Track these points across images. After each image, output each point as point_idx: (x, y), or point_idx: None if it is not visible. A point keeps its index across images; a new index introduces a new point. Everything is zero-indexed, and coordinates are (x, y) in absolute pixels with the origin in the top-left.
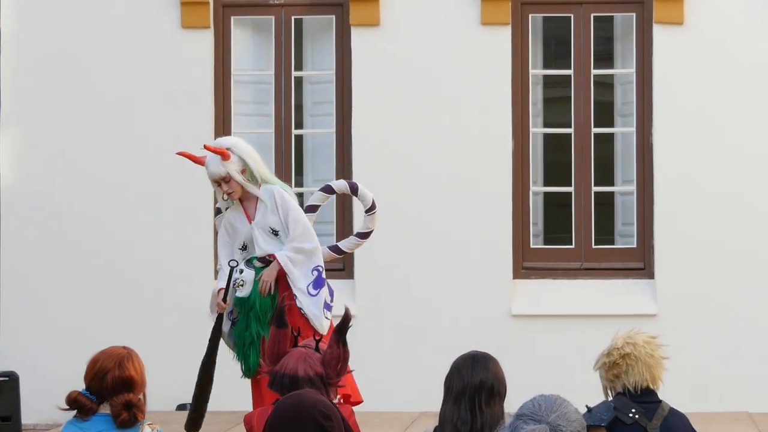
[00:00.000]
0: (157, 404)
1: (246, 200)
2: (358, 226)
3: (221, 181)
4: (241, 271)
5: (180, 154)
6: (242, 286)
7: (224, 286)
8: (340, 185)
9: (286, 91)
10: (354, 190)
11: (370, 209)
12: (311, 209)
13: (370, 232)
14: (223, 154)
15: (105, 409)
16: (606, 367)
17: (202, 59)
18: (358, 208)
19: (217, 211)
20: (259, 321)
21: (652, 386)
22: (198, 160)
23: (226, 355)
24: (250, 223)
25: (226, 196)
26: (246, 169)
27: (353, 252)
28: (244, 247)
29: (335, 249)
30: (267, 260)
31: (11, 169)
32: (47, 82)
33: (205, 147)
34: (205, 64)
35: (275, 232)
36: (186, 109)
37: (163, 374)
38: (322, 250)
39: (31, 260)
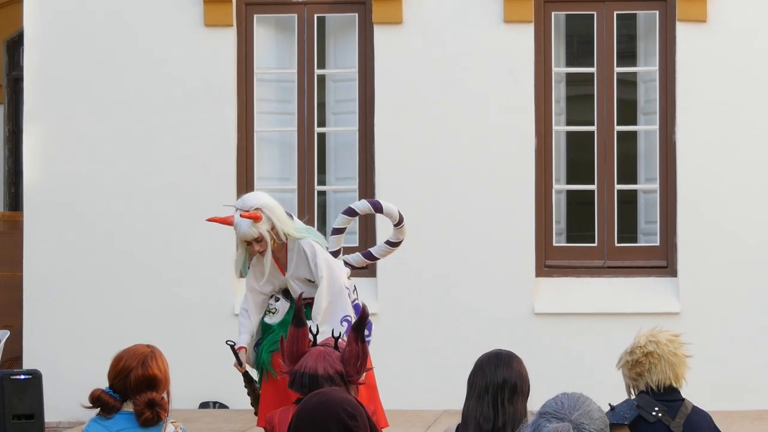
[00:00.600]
0: (181, 402)
1: (277, 252)
2: (382, 233)
3: (253, 242)
4: (277, 299)
5: (210, 220)
6: (274, 313)
7: (244, 345)
8: (363, 206)
9: (309, 89)
10: (378, 208)
11: (399, 222)
12: (336, 232)
13: (401, 241)
14: (256, 218)
15: (128, 407)
16: (629, 366)
17: (224, 57)
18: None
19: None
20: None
21: (675, 384)
22: (227, 222)
23: None
24: (284, 274)
25: (240, 262)
26: (275, 228)
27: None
28: (280, 294)
29: (367, 255)
30: (305, 298)
31: (34, 166)
32: (70, 80)
33: (241, 215)
34: (228, 62)
35: (310, 281)
36: (209, 107)
37: (186, 372)
38: (355, 258)
39: (54, 258)
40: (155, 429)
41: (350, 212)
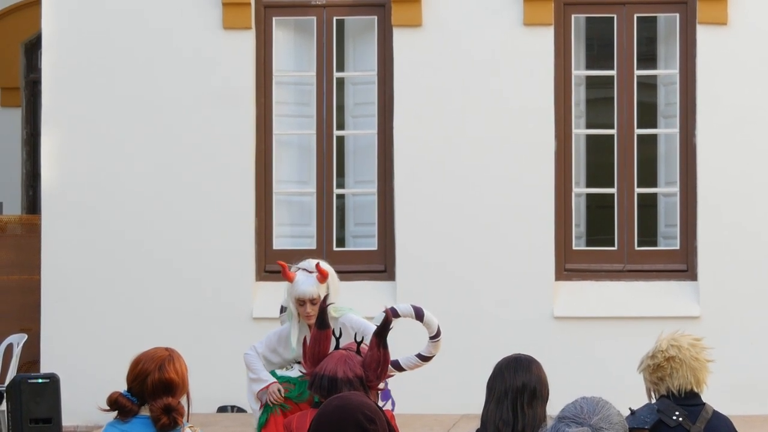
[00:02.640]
0: (199, 406)
1: (312, 327)
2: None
3: (309, 302)
4: (291, 367)
5: (280, 264)
6: (289, 369)
7: (275, 380)
8: (405, 310)
9: (328, 92)
10: (420, 316)
11: (435, 336)
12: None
13: (433, 356)
14: (324, 277)
15: (146, 411)
16: (650, 370)
17: (243, 60)
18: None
19: (281, 309)
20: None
21: (696, 389)
22: (287, 273)
23: None
24: None
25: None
26: (327, 298)
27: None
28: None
29: (395, 364)
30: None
31: (52, 168)
32: (88, 82)
33: (317, 267)
34: (247, 65)
35: None
36: (227, 110)
37: (204, 376)
38: None
39: (72, 261)
40: None
41: (393, 313)
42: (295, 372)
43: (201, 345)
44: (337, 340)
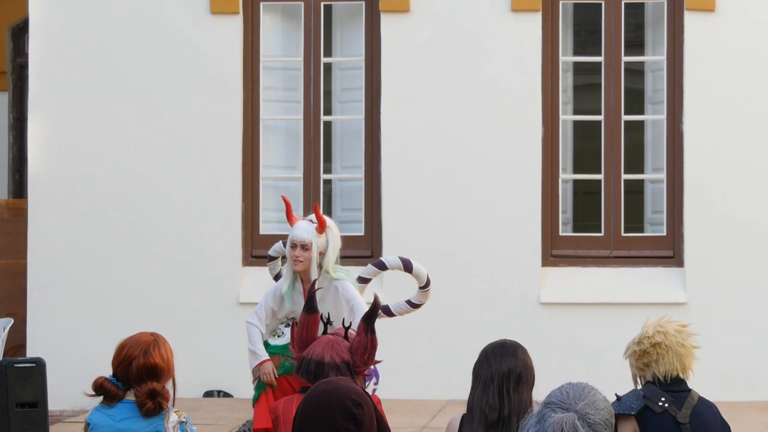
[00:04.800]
0: (185, 391)
1: (306, 282)
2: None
3: (299, 246)
4: (287, 326)
5: (285, 200)
6: (280, 336)
7: (268, 358)
8: (393, 262)
9: (315, 77)
10: (408, 268)
11: (425, 286)
12: (362, 281)
13: (422, 304)
14: (322, 227)
15: (132, 395)
16: (636, 356)
17: (231, 45)
18: (387, 212)
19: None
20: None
21: (682, 375)
22: (290, 214)
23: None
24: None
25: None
26: (323, 254)
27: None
28: (294, 319)
29: (386, 310)
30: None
31: (39, 153)
32: (75, 67)
33: (315, 207)
34: (234, 50)
35: (329, 321)
36: (215, 95)
37: (191, 361)
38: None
39: (58, 245)
40: (158, 418)
41: (380, 265)
42: (283, 340)
43: (187, 329)
44: (325, 325)
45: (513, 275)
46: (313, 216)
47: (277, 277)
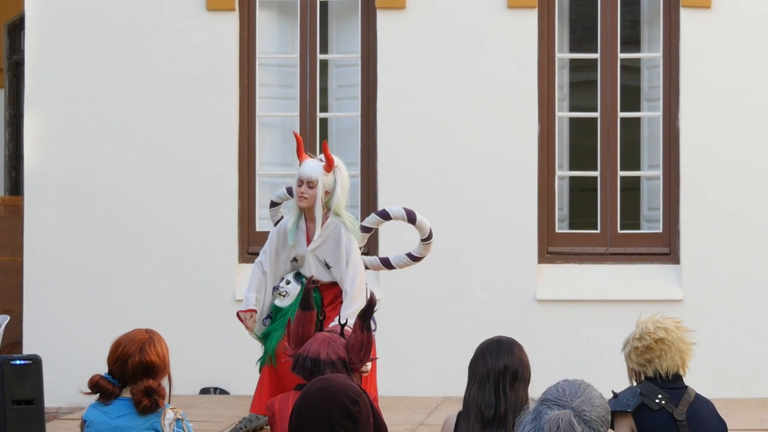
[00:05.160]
0: (181, 388)
1: (309, 221)
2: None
3: (305, 183)
4: (288, 282)
5: (296, 135)
6: (284, 296)
7: (254, 308)
8: (397, 212)
9: (311, 74)
10: (412, 219)
11: (427, 239)
12: (365, 230)
13: (423, 257)
14: (330, 165)
15: (128, 393)
16: (638, 352)
17: (227, 42)
18: (382, 194)
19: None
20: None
21: (680, 372)
22: (301, 151)
23: (244, 342)
24: (307, 245)
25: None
26: (330, 194)
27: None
28: (294, 259)
29: (385, 262)
30: (315, 281)
31: (35, 150)
32: (71, 64)
33: (323, 144)
34: (230, 47)
35: (327, 266)
36: (211, 92)
37: (187, 358)
38: (371, 261)
39: (55, 242)
40: (154, 416)
41: (384, 215)
42: (288, 300)
43: (184, 326)
44: (320, 323)
45: (509, 272)
46: (322, 155)
47: (277, 224)
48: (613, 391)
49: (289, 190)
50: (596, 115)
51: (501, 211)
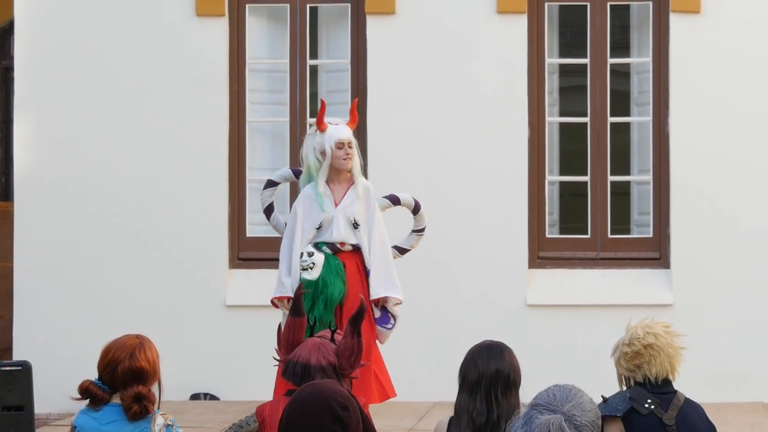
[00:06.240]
0: (171, 393)
1: (337, 183)
2: None
3: (345, 145)
4: (311, 254)
5: (322, 101)
6: (311, 269)
7: (290, 294)
8: (407, 200)
9: (301, 79)
10: (417, 209)
11: (422, 230)
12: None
13: (424, 227)
14: (355, 123)
15: (118, 399)
16: (627, 357)
17: (216, 47)
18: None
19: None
20: (328, 305)
21: (670, 377)
22: (322, 118)
23: (234, 348)
24: (335, 207)
25: (299, 176)
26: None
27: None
28: (319, 227)
29: (398, 249)
30: (337, 247)
31: (25, 155)
32: (61, 69)
33: (354, 103)
34: (220, 53)
35: (356, 225)
36: (200, 97)
37: (177, 363)
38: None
39: (45, 248)
40: (144, 422)
41: (394, 200)
42: (316, 271)
43: (174, 332)
44: (311, 328)
45: (500, 277)
46: (332, 119)
47: (267, 210)
48: (602, 396)
49: (295, 171)
50: (586, 120)
51: (491, 216)
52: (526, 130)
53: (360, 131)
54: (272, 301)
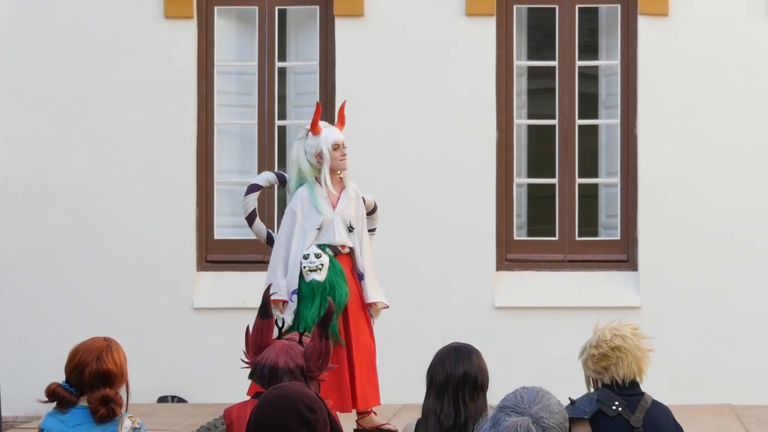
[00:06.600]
0: (139, 396)
1: (335, 185)
2: None
3: (341, 146)
4: (318, 256)
5: (318, 104)
6: (320, 270)
7: (286, 298)
8: (369, 201)
9: (270, 81)
10: (374, 211)
11: (372, 230)
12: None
13: (375, 228)
14: (342, 124)
15: (85, 401)
16: (595, 359)
17: (185, 49)
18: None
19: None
20: (337, 305)
21: (637, 379)
22: (317, 120)
23: (202, 350)
24: (333, 209)
25: (292, 178)
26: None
27: None
28: (319, 228)
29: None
30: (338, 250)
31: None
32: (30, 72)
33: (343, 104)
34: (188, 55)
35: (351, 228)
36: (169, 99)
37: (145, 366)
38: None
39: (11, 250)
40: (111, 424)
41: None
42: (324, 272)
43: (142, 334)
44: (279, 330)
45: (467, 279)
46: (324, 123)
47: (250, 217)
48: (570, 398)
49: (280, 176)
50: (554, 122)
51: (459, 218)
52: (494, 133)
53: None
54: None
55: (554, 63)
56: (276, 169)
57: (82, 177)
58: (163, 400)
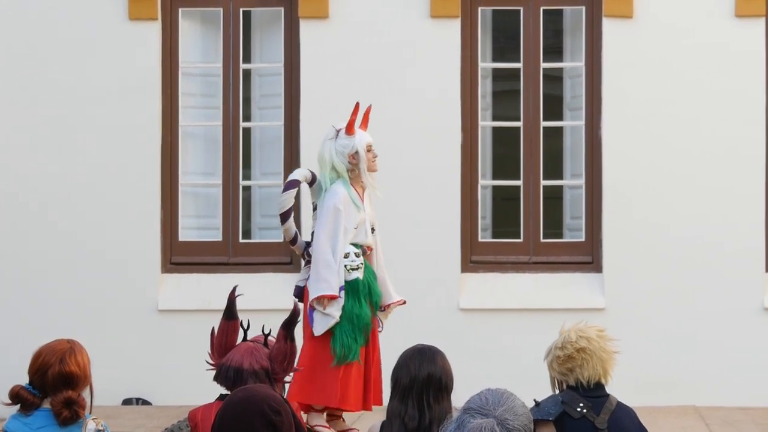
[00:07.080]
0: (103, 398)
1: (360, 187)
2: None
3: (372, 147)
4: (357, 255)
5: (357, 105)
6: (359, 268)
7: (335, 294)
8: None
9: (234, 83)
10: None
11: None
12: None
13: None
14: (367, 123)
15: (48, 403)
16: (560, 361)
17: (149, 51)
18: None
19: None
20: (374, 306)
21: (602, 380)
22: (353, 122)
23: (166, 352)
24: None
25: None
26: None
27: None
28: (356, 227)
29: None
30: (364, 250)
31: None
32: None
33: (369, 108)
34: (153, 56)
35: (373, 230)
36: (133, 101)
37: (109, 368)
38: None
39: None
40: (75, 427)
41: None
42: (362, 269)
43: (106, 336)
44: (245, 331)
45: (432, 281)
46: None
47: (286, 214)
48: (535, 400)
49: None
50: (519, 124)
51: (424, 219)
52: (458, 134)
53: (293, 135)
54: (321, 298)
55: (519, 65)
56: (241, 171)
57: (45, 178)
58: (127, 402)
